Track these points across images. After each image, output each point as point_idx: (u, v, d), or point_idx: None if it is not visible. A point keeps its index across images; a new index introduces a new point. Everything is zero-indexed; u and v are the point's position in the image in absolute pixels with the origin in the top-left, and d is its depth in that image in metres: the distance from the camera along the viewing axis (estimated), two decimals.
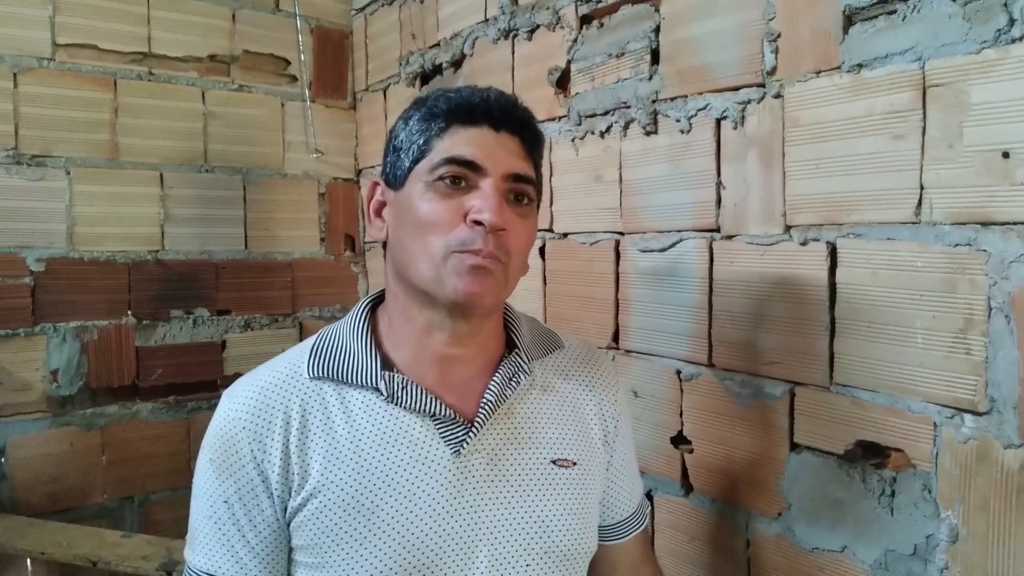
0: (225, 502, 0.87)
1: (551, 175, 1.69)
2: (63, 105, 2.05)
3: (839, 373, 1.14)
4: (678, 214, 1.39)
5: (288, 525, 0.88)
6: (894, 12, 1.06)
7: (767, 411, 1.24)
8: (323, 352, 0.92)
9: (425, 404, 0.89)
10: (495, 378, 0.93)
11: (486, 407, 0.91)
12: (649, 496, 1.47)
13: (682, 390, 1.40)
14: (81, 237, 2.08)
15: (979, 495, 0.97)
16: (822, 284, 1.15)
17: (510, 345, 0.98)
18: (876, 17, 1.08)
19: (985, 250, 0.96)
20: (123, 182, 2.14)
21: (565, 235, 1.66)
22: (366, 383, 0.89)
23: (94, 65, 2.09)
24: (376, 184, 0.97)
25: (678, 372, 1.40)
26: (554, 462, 0.95)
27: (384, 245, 0.96)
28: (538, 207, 0.97)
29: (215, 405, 0.93)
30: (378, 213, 0.96)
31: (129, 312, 2.16)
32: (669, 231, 1.41)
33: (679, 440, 1.41)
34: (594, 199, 1.58)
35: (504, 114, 0.90)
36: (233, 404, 0.89)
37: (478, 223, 0.84)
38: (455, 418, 0.90)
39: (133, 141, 2.15)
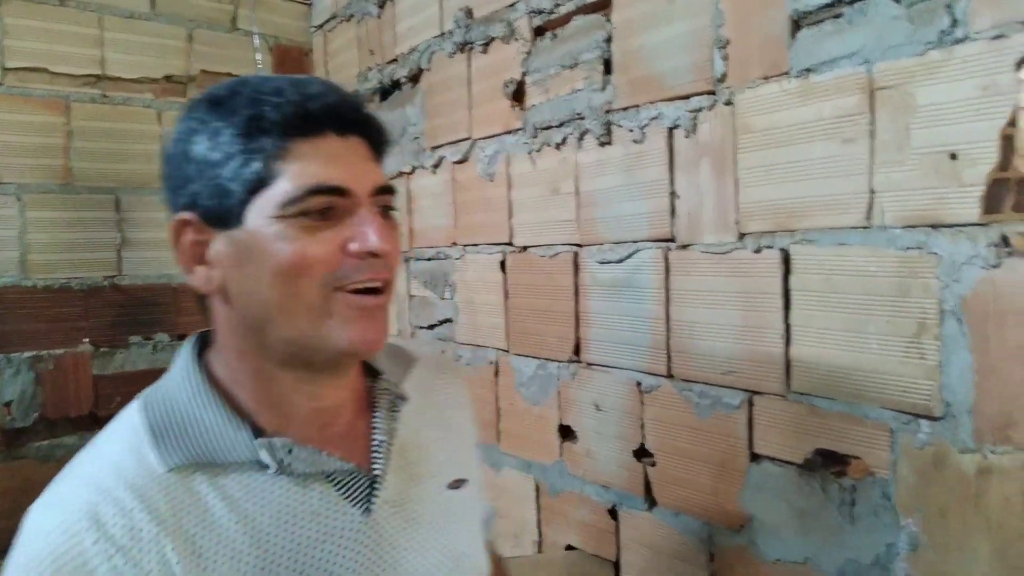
0: None
1: (509, 188, 1.67)
2: (14, 130, 2.01)
3: (796, 381, 1.12)
4: (634, 224, 1.37)
5: None
6: (840, 15, 1.05)
7: (726, 421, 1.22)
8: (168, 433, 0.72)
9: (321, 464, 0.76)
10: (376, 415, 0.82)
11: (380, 451, 0.81)
12: (613, 511, 1.45)
13: (643, 402, 1.37)
14: (34, 264, 2.03)
15: (938, 502, 0.96)
16: (776, 291, 1.13)
17: (368, 371, 0.87)
18: (823, 21, 1.07)
19: (936, 253, 0.95)
20: (78, 207, 2.10)
21: (525, 248, 1.64)
22: (241, 458, 0.73)
23: (45, 89, 2.05)
24: (185, 222, 0.73)
25: (638, 384, 1.38)
26: (449, 486, 0.88)
27: (207, 297, 0.77)
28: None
29: None
30: (198, 259, 0.74)
31: (86, 339, 2.11)
32: (626, 242, 1.39)
33: (641, 453, 1.38)
34: (552, 211, 1.56)
35: (347, 113, 0.75)
36: (65, 535, 0.64)
37: (372, 254, 0.72)
38: (355, 472, 0.78)
39: (87, 165, 2.11)
